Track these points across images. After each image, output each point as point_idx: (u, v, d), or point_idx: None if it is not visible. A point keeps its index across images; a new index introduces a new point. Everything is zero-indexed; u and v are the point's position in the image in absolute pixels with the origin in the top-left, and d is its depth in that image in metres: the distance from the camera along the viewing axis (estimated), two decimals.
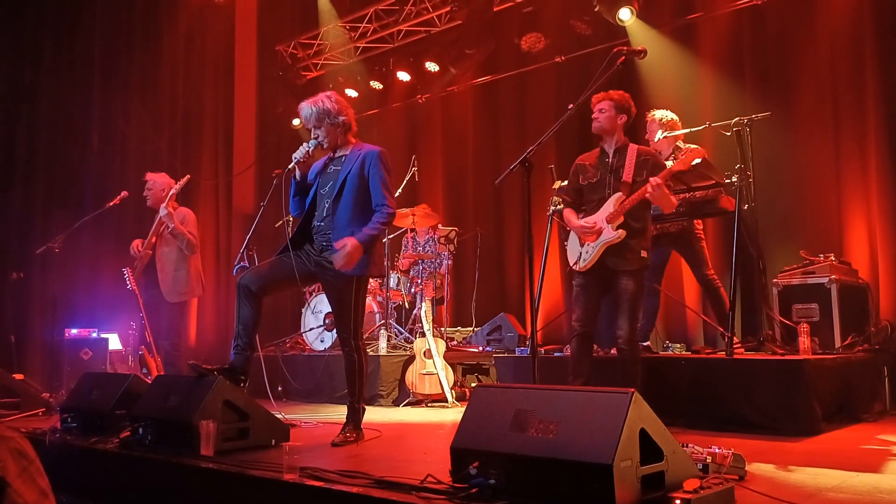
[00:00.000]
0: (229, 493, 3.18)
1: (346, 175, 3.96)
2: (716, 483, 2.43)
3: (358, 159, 3.99)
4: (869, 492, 2.71)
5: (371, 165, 3.97)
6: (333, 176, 4.02)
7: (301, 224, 4.12)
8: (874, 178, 5.95)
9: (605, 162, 4.34)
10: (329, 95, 4.06)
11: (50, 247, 6.32)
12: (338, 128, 4.01)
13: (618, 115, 4.29)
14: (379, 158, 3.99)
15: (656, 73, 6.86)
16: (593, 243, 4.23)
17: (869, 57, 6.06)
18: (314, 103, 4.01)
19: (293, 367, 6.88)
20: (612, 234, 4.17)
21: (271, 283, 4.08)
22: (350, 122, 4.06)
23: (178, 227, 5.68)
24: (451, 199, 9.26)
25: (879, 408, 4.80)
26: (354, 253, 3.75)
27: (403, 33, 8.98)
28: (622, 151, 4.30)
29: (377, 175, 3.95)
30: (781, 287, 5.30)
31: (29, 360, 6.79)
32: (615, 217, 4.17)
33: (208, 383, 3.75)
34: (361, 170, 3.97)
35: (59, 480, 3.87)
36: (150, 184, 5.94)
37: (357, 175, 3.96)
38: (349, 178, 3.95)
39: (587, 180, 4.38)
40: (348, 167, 3.98)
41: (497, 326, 7.42)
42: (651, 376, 4.44)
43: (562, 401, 2.45)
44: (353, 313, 3.96)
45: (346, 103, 4.10)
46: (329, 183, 4.03)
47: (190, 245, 5.78)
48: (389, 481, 2.73)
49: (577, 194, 4.46)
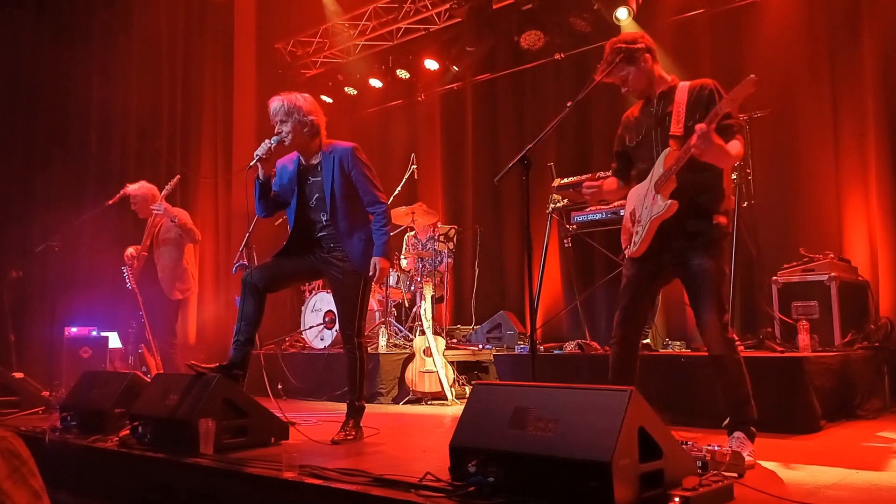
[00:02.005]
0: (228, 491, 3.18)
1: (331, 183, 3.98)
2: (715, 480, 2.43)
3: (335, 164, 3.99)
4: (868, 489, 2.71)
5: (351, 165, 3.99)
6: (317, 188, 4.03)
7: (297, 234, 4.12)
8: (874, 176, 5.95)
9: (650, 112, 3.38)
10: (303, 95, 4.04)
11: (49, 245, 6.32)
12: (305, 127, 3.96)
13: (641, 66, 3.34)
14: (354, 155, 4.01)
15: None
16: (641, 222, 3.30)
17: (868, 54, 6.06)
18: (285, 98, 3.97)
19: (293, 365, 6.88)
20: (660, 205, 3.20)
21: (278, 280, 4.13)
22: (319, 126, 4.01)
23: (182, 220, 5.73)
24: (450, 197, 9.26)
25: (879, 405, 4.79)
26: (385, 269, 3.98)
27: (403, 31, 8.98)
28: (669, 94, 3.32)
29: (360, 173, 3.99)
30: (781, 284, 5.30)
31: (28, 358, 6.77)
32: (663, 183, 3.20)
33: (207, 382, 3.75)
34: (342, 172, 3.99)
35: (59, 479, 3.88)
36: (132, 198, 6.00)
37: (340, 180, 3.98)
38: (335, 186, 3.98)
39: (633, 140, 3.43)
40: (328, 174, 3.99)
41: (497, 324, 7.42)
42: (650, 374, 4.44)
43: (560, 398, 2.45)
44: (357, 312, 4.03)
45: (320, 108, 4.06)
46: (315, 195, 4.04)
47: (194, 235, 5.85)
48: (388, 479, 2.73)
49: (623, 160, 3.54)
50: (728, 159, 3.15)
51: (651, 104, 3.37)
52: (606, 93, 6.44)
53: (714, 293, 3.15)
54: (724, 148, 3.05)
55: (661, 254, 3.28)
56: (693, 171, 3.14)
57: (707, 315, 3.14)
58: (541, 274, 5.99)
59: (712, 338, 3.15)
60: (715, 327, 3.13)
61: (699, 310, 3.19)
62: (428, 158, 9.10)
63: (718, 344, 3.14)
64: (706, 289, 3.16)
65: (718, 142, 3.01)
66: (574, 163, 7.23)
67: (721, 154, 3.06)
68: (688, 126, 3.13)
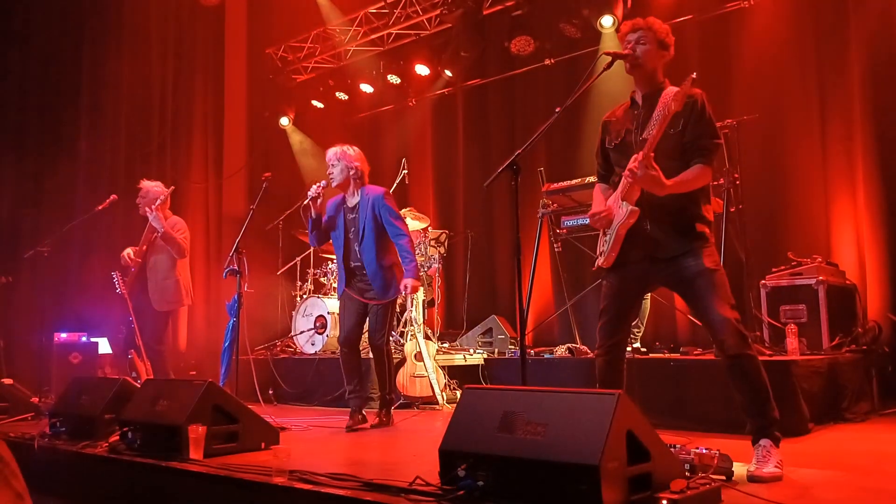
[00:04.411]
0: (218, 496, 3.18)
1: (364, 221, 4.87)
2: (702, 483, 2.45)
3: (368, 205, 4.88)
4: (856, 492, 2.73)
5: (380, 207, 4.87)
6: (354, 223, 4.94)
7: (341, 264, 5.04)
8: (861, 180, 5.99)
9: (632, 114, 3.28)
10: (355, 148, 5.01)
11: (39, 250, 6.28)
12: (350, 171, 4.91)
13: (660, 52, 3.26)
14: (384, 199, 4.90)
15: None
16: (609, 229, 3.20)
17: (855, 59, 6.11)
18: (341, 146, 4.97)
19: (284, 370, 6.87)
20: (623, 211, 3.10)
21: (354, 331, 5.00)
22: (363, 174, 4.96)
23: (167, 231, 5.66)
24: (441, 202, 9.27)
25: (867, 408, 4.82)
26: (416, 286, 4.88)
27: (394, 36, 9.00)
28: (653, 97, 3.20)
29: (387, 213, 4.88)
30: (769, 288, 5.34)
31: (18, 364, 6.75)
32: (627, 189, 3.08)
33: (197, 387, 3.75)
34: (373, 213, 4.87)
35: (48, 485, 3.87)
36: (143, 192, 5.87)
37: (371, 219, 4.87)
38: (366, 223, 4.87)
39: (612, 143, 3.33)
40: (364, 214, 4.89)
41: (488, 329, 7.42)
42: (639, 377, 4.46)
43: (549, 402, 2.46)
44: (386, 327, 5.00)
45: (366, 160, 5.02)
46: (352, 228, 4.95)
47: (180, 249, 5.77)
48: (378, 484, 2.74)
49: (606, 163, 3.41)
50: (682, 188, 3.01)
51: (637, 106, 3.29)
52: (597, 98, 6.49)
53: (717, 289, 2.98)
54: (661, 181, 2.93)
55: (639, 263, 3.15)
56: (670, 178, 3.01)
57: (718, 313, 2.94)
58: (531, 278, 6.00)
59: (729, 334, 2.92)
60: (730, 323, 2.92)
61: (707, 311, 2.99)
62: (419, 163, 9.11)
63: (735, 340, 2.92)
64: (708, 287, 2.99)
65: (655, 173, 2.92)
66: (564, 168, 7.25)
67: (661, 188, 2.94)
68: (668, 134, 3.03)
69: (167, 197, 5.81)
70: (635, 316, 3.73)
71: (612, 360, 3.23)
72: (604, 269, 3.27)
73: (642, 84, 3.28)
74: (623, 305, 3.24)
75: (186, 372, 7.36)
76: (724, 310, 2.95)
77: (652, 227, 3.10)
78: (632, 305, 3.31)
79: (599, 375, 3.25)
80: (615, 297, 3.23)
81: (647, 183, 2.97)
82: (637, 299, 3.43)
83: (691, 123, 3.09)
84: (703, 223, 3.11)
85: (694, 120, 3.09)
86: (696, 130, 3.09)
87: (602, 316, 3.25)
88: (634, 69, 3.24)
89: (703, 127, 3.10)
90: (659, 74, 3.28)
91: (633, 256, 3.16)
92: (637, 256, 3.15)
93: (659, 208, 3.08)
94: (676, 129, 3.08)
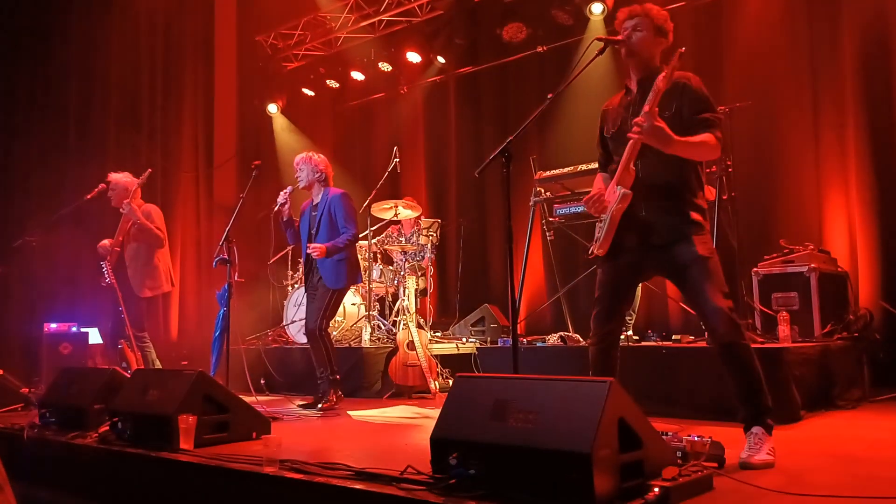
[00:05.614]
0: (209, 486, 3.16)
1: (320, 217, 5.40)
2: (694, 470, 2.44)
3: (327, 203, 5.40)
4: (847, 479, 2.73)
5: (335, 206, 5.38)
6: (314, 220, 5.46)
7: (305, 257, 5.51)
8: (853, 168, 6.00)
9: (627, 101, 3.27)
10: (320, 154, 5.61)
11: (27, 240, 6.24)
12: (315, 174, 5.49)
13: (657, 39, 3.23)
14: (340, 199, 5.40)
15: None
16: (604, 216, 3.15)
17: (847, 47, 6.11)
18: (307, 153, 5.59)
19: (275, 359, 6.85)
20: (615, 196, 3.07)
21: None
22: (326, 177, 5.52)
23: (142, 222, 5.68)
24: (433, 191, 9.25)
25: (858, 395, 4.84)
26: (321, 253, 5.23)
27: (385, 23, 8.94)
28: (647, 83, 3.13)
29: (340, 212, 5.37)
30: (761, 276, 5.34)
31: (7, 355, 6.69)
32: (621, 173, 3.07)
33: (187, 377, 3.72)
34: (330, 210, 5.38)
35: (38, 476, 3.85)
36: (112, 185, 5.92)
37: (328, 215, 5.38)
38: (323, 219, 5.39)
39: (609, 131, 3.32)
40: (321, 210, 5.42)
41: (480, 317, 7.42)
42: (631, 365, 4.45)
43: (541, 390, 2.45)
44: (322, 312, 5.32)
45: (329, 165, 5.58)
46: (314, 224, 5.44)
47: (157, 239, 5.79)
48: (370, 473, 2.73)
49: (606, 152, 3.40)
50: (690, 151, 2.99)
51: (630, 93, 3.28)
52: (589, 85, 6.46)
53: (711, 276, 2.97)
54: (667, 135, 2.88)
55: (634, 251, 3.13)
56: (663, 164, 3.02)
57: (711, 301, 2.93)
58: (523, 267, 5.99)
59: (721, 323, 2.91)
60: (722, 312, 2.91)
61: (700, 299, 2.98)
62: (411, 152, 9.07)
63: (728, 328, 2.91)
64: (701, 275, 2.98)
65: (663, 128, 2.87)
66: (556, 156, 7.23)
67: (667, 141, 2.89)
68: (663, 116, 2.94)
69: (138, 187, 5.81)
70: (629, 305, 3.73)
71: (606, 349, 3.22)
72: (598, 258, 3.24)
73: (638, 70, 3.25)
74: (617, 294, 3.23)
75: (178, 362, 7.34)
76: (717, 298, 2.94)
77: (647, 212, 3.09)
78: (626, 294, 3.31)
79: (593, 364, 3.24)
80: (609, 285, 3.21)
81: (653, 136, 2.90)
82: (631, 288, 3.43)
83: (686, 103, 3.08)
84: (697, 210, 3.10)
85: (688, 99, 3.09)
86: (693, 107, 3.07)
87: (596, 304, 3.24)
88: (630, 56, 3.22)
89: (699, 103, 3.08)
90: (655, 60, 3.25)
91: (627, 243, 3.14)
92: (631, 243, 3.13)
93: (654, 193, 3.08)
94: (670, 111, 3.04)
